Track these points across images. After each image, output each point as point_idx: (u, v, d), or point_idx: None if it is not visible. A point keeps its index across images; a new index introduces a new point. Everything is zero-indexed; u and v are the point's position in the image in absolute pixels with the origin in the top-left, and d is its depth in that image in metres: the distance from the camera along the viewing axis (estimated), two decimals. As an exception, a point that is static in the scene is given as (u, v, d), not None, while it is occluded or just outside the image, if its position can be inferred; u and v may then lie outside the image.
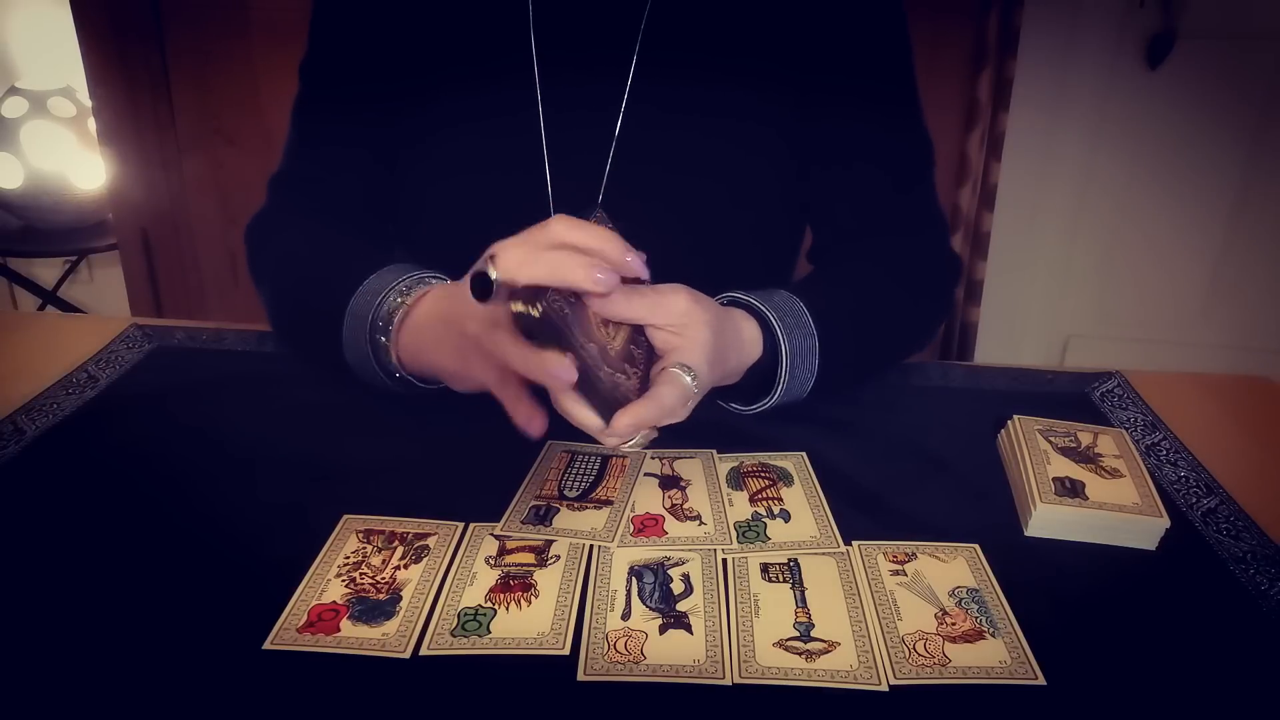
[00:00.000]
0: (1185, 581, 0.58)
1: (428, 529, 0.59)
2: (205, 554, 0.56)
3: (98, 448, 0.67)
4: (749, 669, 0.49)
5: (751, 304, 0.68)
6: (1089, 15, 1.94)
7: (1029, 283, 2.20)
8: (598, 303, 0.55)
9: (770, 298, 0.69)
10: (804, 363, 0.68)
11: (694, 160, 0.81)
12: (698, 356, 0.58)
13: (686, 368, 0.57)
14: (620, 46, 0.78)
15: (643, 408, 0.55)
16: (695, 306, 0.59)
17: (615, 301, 0.55)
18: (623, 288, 0.57)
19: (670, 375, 0.57)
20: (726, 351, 0.63)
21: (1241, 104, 1.98)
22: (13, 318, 1.16)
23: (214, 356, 0.82)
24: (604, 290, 0.52)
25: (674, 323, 0.59)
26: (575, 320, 0.53)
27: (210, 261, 1.89)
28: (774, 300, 0.69)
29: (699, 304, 0.60)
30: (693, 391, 0.58)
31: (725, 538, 0.59)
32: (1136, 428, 0.75)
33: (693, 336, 0.59)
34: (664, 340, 0.59)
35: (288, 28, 1.68)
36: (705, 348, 0.59)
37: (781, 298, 0.69)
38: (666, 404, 0.56)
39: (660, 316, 0.58)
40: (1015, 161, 1.93)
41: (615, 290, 0.55)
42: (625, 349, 0.58)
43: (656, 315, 0.58)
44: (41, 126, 1.90)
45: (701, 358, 0.58)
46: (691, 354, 0.58)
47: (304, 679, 0.48)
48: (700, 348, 0.59)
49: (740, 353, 0.66)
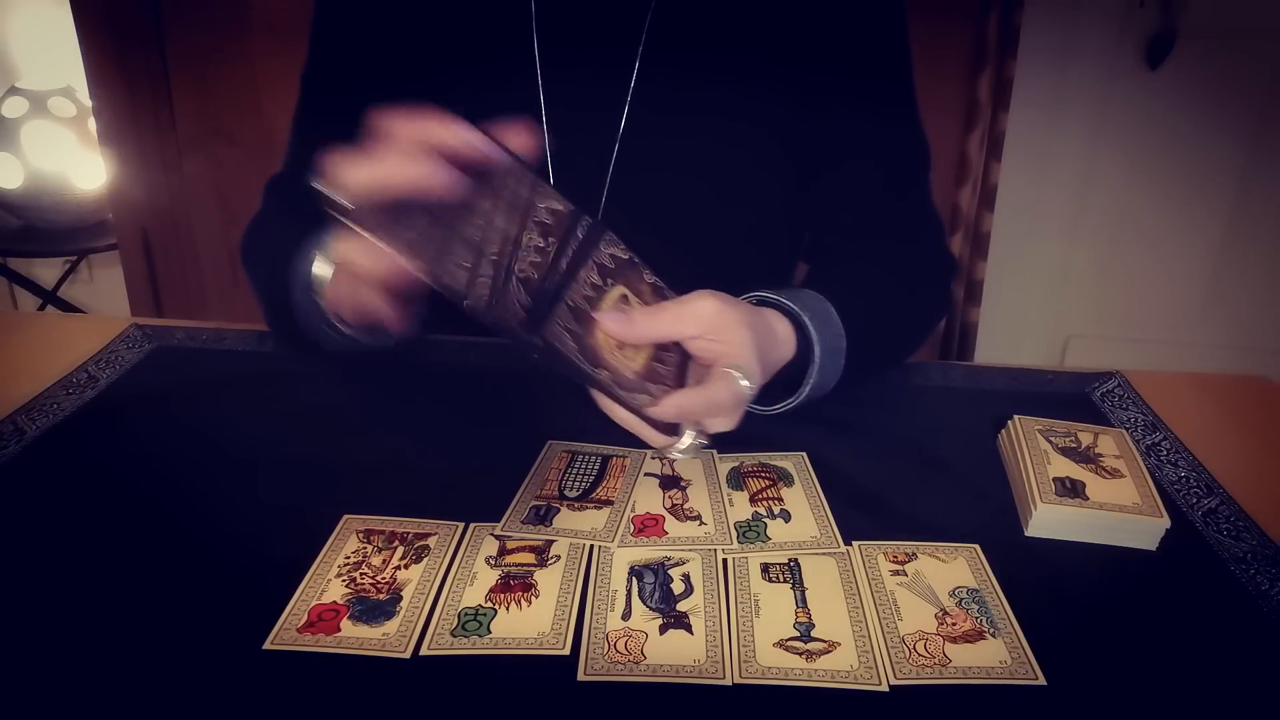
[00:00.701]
0: (1185, 581, 0.58)
1: (428, 529, 0.59)
2: (205, 554, 0.56)
3: (98, 448, 0.67)
4: (749, 669, 0.49)
5: (781, 302, 0.67)
6: (1089, 15, 1.94)
7: (1029, 283, 2.20)
8: (620, 330, 0.53)
9: (798, 296, 0.68)
10: (832, 361, 0.68)
11: (696, 161, 0.81)
12: (747, 357, 0.56)
13: (740, 369, 0.55)
14: (623, 47, 0.78)
15: (689, 395, 0.54)
16: (726, 308, 0.57)
17: (637, 324, 0.54)
18: (643, 307, 0.55)
19: (723, 373, 0.55)
20: (765, 351, 0.61)
21: (1241, 104, 1.98)
22: (13, 318, 1.16)
23: (214, 356, 0.82)
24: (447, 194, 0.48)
25: (708, 330, 0.56)
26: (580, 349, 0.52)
27: (210, 261, 1.89)
28: (802, 299, 0.68)
29: (730, 306, 0.57)
30: (746, 394, 0.56)
31: (725, 538, 0.59)
32: (1136, 428, 0.75)
33: (735, 339, 0.56)
34: (705, 349, 0.57)
35: (288, 28, 1.68)
36: (751, 348, 0.57)
37: (808, 296, 0.68)
38: (715, 399, 0.54)
39: (691, 327, 0.56)
40: (1015, 161, 1.93)
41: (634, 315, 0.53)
42: (648, 368, 0.55)
43: (686, 326, 0.56)
44: (41, 126, 1.90)
45: (751, 358, 0.56)
46: (741, 356, 0.56)
47: (304, 679, 0.48)
48: (747, 349, 0.57)
49: (775, 352, 0.64)
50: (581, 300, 0.54)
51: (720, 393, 0.55)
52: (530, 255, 0.53)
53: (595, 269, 0.55)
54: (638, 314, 0.54)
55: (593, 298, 0.55)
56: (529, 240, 0.53)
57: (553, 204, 0.54)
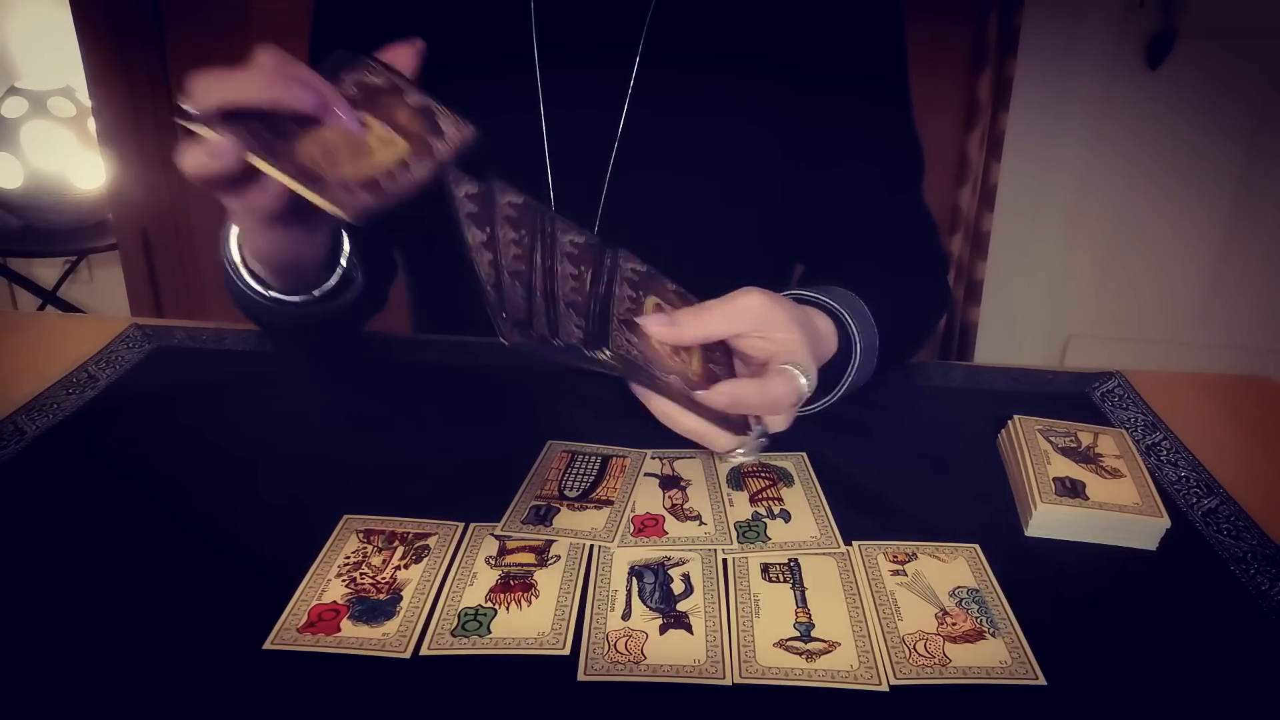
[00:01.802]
0: (1185, 581, 0.58)
1: (428, 529, 0.59)
2: (205, 554, 0.56)
3: (98, 448, 0.67)
4: (749, 669, 0.49)
5: (821, 300, 0.66)
6: (1089, 15, 1.94)
7: (1029, 283, 2.20)
8: (669, 334, 0.53)
9: (834, 294, 0.67)
10: (868, 358, 0.67)
11: (695, 161, 0.81)
12: (803, 354, 0.55)
13: (798, 365, 0.55)
14: (623, 47, 0.78)
15: (744, 384, 0.53)
16: (774, 305, 0.56)
17: (686, 325, 0.54)
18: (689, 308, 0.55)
19: (780, 369, 0.54)
20: (815, 348, 0.60)
21: (1241, 104, 1.98)
22: (13, 318, 1.16)
23: (214, 356, 0.82)
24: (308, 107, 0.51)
25: (758, 327, 0.55)
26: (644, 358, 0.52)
27: (210, 261, 1.89)
28: (839, 297, 0.67)
29: (777, 302, 0.56)
30: (804, 391, 0.55)
31: (725, 538, 0.59)
32: (1137, 428, 0.75)
33: (788, 336, 0.56)
34: (756, 347, 0.56)
35: (288, 28, 1.67)
36: (804, 345, 0.56)
37: (841, 293, 0.68)
38: (773, 393, 0.53)
39: (741, 323, 0.55)
40: (1015, 161, 1.93)
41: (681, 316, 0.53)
42: (704, 369, 0.55)
43: (736, 323, 0.55)
44: (41, 126, 1.90)
45: (807, 355, 0.56)
46: (798, 354, 0.55)
47: (304, 679, 0.48)
48: (801, 345, 0.56)
49: (820, 348, 0.63)
50: (626, 313, 0.54)
51: (779, 388, 0.54)
52: (569, 283, 0.54)
53: (627, 284, 0.56)
54: (682, 315, 0.54)
55: (634, 310, 0.55)
56: (564, 270, 0.54)
57: (573, 236, 0.56)
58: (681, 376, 0.53)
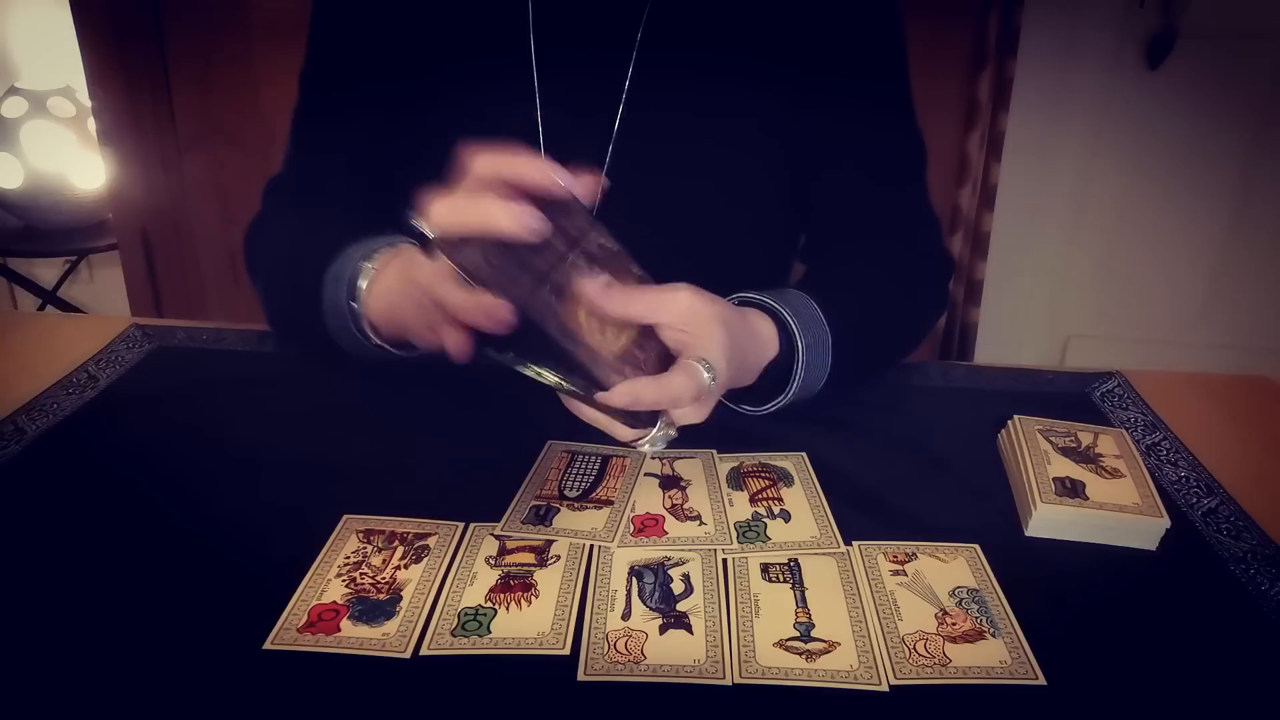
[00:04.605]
0: (1185, 581, 0.58)
1: (428, 529, 0.59)
2: (206, 554, 0.56)
3: (98, 448, 0.67)
4: (749, 669, 0.49)
5: (765, 302, 0.68)
6: (1089, 15, 1.94)
7: (1029, 283, 2.20)
8: (598, 297, 0.54)
9: (782, 296, 0.69)
10: (819, 360, 0.68)
11: (693, 161, 0.81)
12: (715, 352, 0.57)
13: (704, 362, 0.56)
14: (619, 46, 0.78)
15: (643, 383, 0.54)
16: (702, 303, 0.58)
17: (613, 300, 0.55)
18: (623, 288, 0.56)
19: (684, 364, 0.56)
20: (744, 349, 0.62)
21: (1241, 104, 1.98)
22: (13, 318, 1.16)
23: (214, 356, 0.82)
24: (533, 237, 0.51)
25: (680, 321, 0.57)
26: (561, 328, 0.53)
27: (210, 261, 1.89)
28: (786, 298, 0.68)
29: (706, 301, 0.59)
30: (707, 385, 0.56)
31: (725, 538, 0.59)
32: (1137, 428, 0.75)
33: (706, 333, 0.57)
34: (675, 339, 0.58)
35: (288, 28, 1.68)
36: (721, 344, 0.58)
37: (793, 295, 0.69)
38: (673, 388, 0.54)
39: (664, 315, 0.57)
40: (1015, 161, 1.92)
41: (614, 289, 0.54)
42: (626, 352, 0.56)
43: (660, 313, 0.57)
44: (41, 126, 1.90)
45: (719, 353, 0.57)
46: (708, 350, 0.57)
47: (304, 679, 0.48)
48: (716, 343, 0.57)
49: (758, 351, 0.65)
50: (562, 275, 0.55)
51: (679, 382, 0.55)
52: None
53: (584, 255, 0.56)
54: (616, 290, 0.55)
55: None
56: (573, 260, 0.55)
57: (604, 240, 0.57)
58: (594, 353, 0.54)
